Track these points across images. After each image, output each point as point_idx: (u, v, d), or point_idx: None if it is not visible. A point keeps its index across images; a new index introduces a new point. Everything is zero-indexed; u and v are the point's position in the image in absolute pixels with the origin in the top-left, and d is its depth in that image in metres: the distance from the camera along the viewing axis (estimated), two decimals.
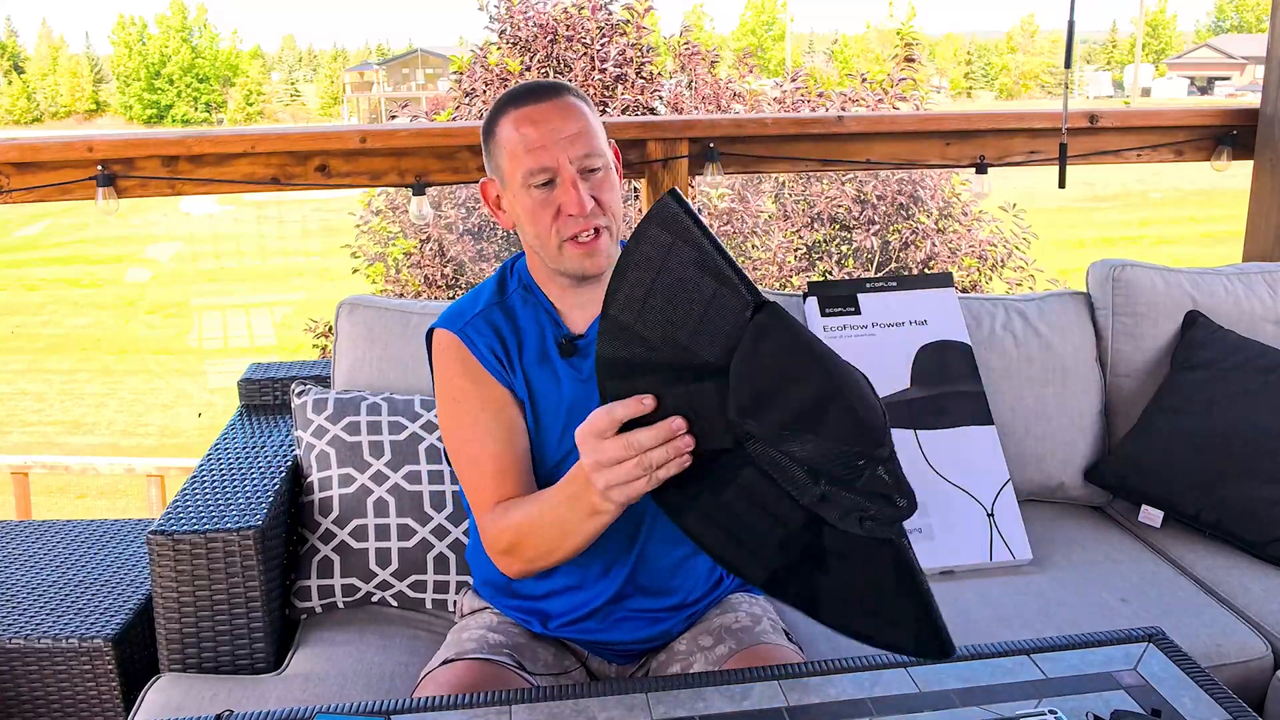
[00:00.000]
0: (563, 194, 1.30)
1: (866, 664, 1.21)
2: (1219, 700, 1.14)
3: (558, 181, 1.30)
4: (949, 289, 2.13)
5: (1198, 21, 77.73)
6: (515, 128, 1.31)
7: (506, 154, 1.32)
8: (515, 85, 1.37)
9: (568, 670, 1.44)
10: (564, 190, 1.30)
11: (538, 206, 1.31)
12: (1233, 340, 2.11)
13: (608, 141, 1.37)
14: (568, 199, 1.30)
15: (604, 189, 1.32)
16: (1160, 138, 2.73)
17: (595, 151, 1.31)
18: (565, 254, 1.33)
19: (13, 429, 10.81)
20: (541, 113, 1.31)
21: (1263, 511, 1.91)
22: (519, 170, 1.31)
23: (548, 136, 1.29)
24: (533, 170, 1.30)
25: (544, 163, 1.29)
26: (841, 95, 7.04)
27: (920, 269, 6.65)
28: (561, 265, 1.35)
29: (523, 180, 1.31)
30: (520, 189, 1.32)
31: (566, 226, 1.31)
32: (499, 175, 1.36)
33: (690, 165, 2.47)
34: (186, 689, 1.56)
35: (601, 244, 1.33)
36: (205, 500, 1.72)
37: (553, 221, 1.32)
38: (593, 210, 1.31)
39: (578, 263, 1.34)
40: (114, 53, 53.80)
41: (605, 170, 1.33)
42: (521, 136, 1.30)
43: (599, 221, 1.32)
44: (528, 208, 1.32)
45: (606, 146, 1.35)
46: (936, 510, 1.93)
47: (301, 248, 18.37)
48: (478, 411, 1.35)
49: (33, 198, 2.28)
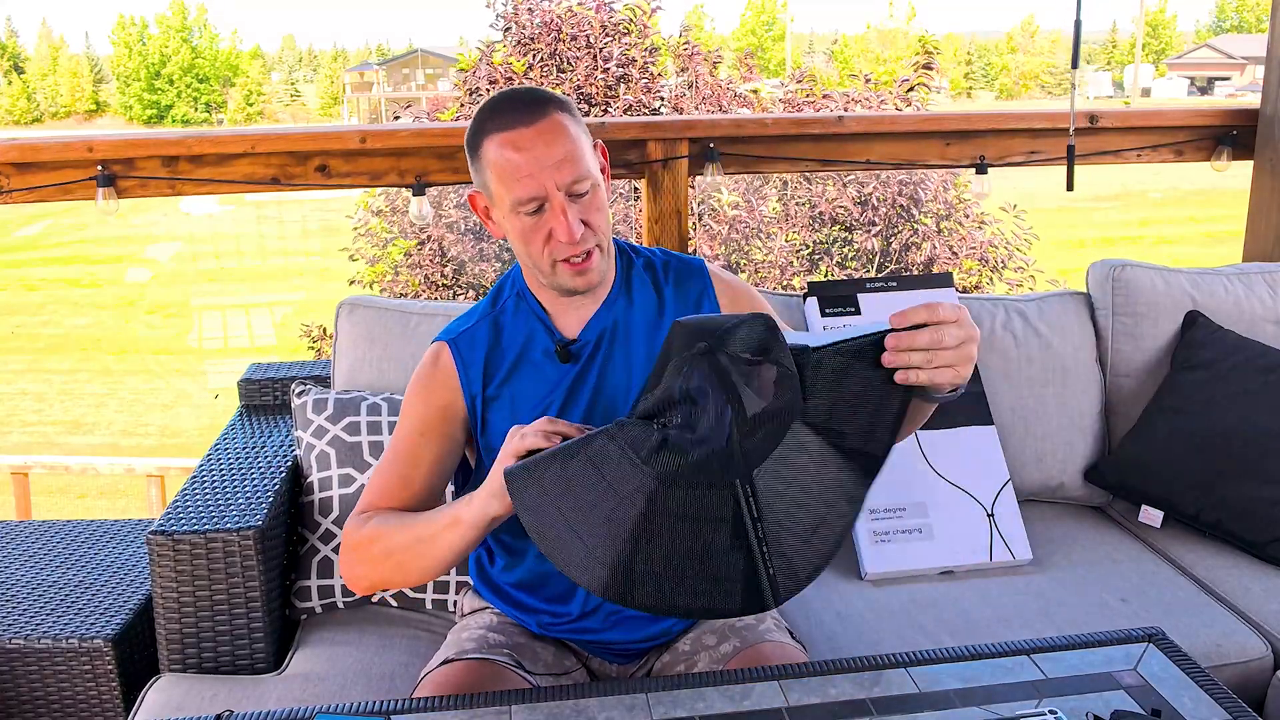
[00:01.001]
0: (553, 220, 1.29)
1: (866, 664, 1.21)
2: (1219, 700, 1.14)
3: (547, 208, 1.30)
4: (949, 289, 2.13)
5: (1198, 21, 77.74)
6: (501, 151, 1.29)
7: (494, 176, 1.31)
8: (496, 94, 1.36)
9: (568, 670, 1.44)
10: (554, 217, 1.29)
11: (529, 231, 1.31)
12: (1233, 340, 2.11)
13: (594, 148, 1.36)
14: (558, 226, 1.29)
15: (592, 210, 1.32)
16: (1160, 138, 2.73)
17: (582, 175, 1.29)
18: (558, 273, 1.34)
19: (13, 429, 10.81)
20: (527, 139, 1.28)
21: (1263, 511, 1.91)
22: (508, 196, 1.30)
23: (534, 164, 1.27)
24: (521, 199, 1.29)
25: (533, 192, 1.28)
26: (845, 96, 7.03)
27: (921, 270, 6.65)
28: (555, 283, 1.36)
29: (510, 205, 1.30)
30: (510, 213, 1.31)
31: (559, 250, 1.31)
32: (487, 192, 1.35)
33: (690, 165, 2.47)
34: (186, 689, 1.56)
35: (593, 263, 1.34)
36: (205, 500, 1.72)
37: (544, 245, 1.32)
38: (583, 235, 1.31)
39: (570, 281, 1.34)
40: (114, 53, 53.81)
41: (593, 190, 1.32)
42: (508, 161, 1.28)
43: (588, 244, 1.32)
44: (518, 231, 1.32)
45: (593, 161, 1.34)
46: (936, 510, 1.93)
47: (301, 248, 18.37)
48: (417, 432, 1.38)
49: (33, 198, 2.28)
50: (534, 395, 1.38)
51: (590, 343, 1.39)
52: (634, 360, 1.40)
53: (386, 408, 1.84)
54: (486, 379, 1.39)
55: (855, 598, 1.83)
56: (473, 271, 6.55)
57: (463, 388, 1.39)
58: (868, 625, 1.74)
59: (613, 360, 1.39)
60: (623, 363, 1.40)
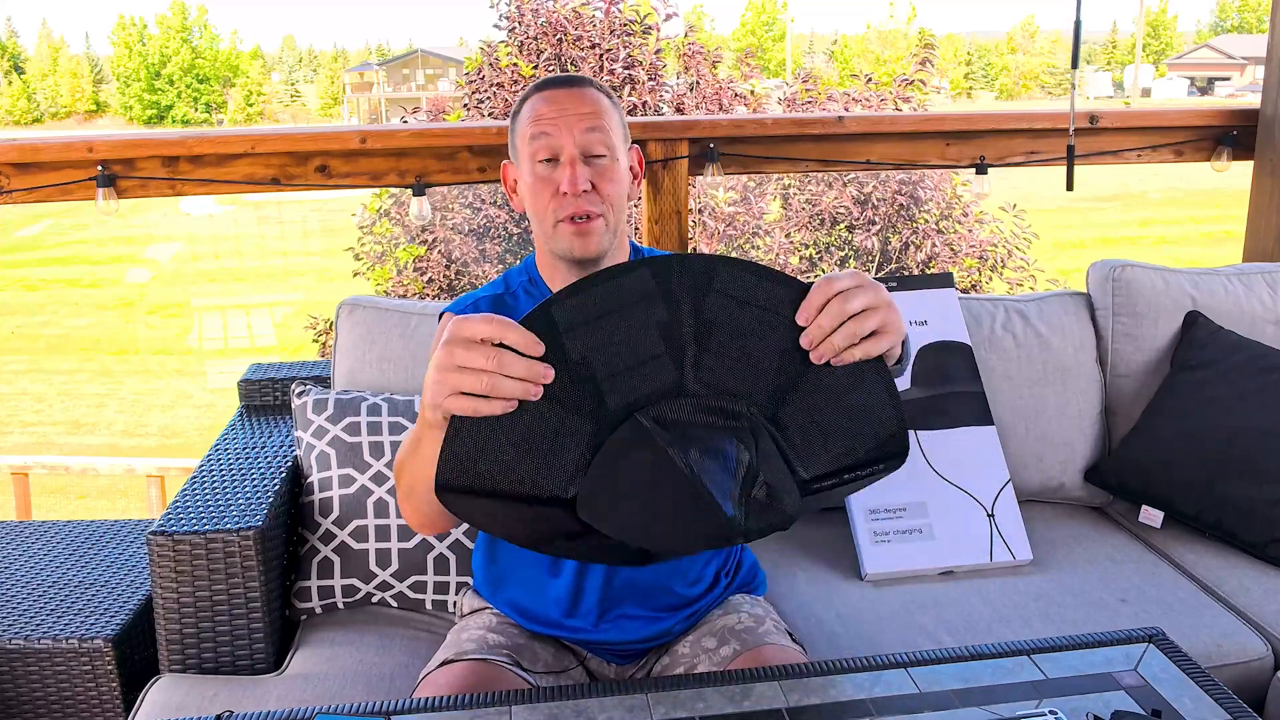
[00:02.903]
0: (561, 172, 1.34)
1: (867, 664, 1.21)
2: (1219, 701, 1.14)
3: (560, 161, 1.34)
4: (949, 289, 2.13)
5: (1198, 22, 77.77)
6: (533, 107, 1.37)
7: (520, 133, 1.37)
8: (550, 75, 1.41)
9: (567, 670, 1.44)
10: (563, 169, 1.34)
11: (539, 183, 1.36)
12: (1233, 340, 2.11)
13: (627, 142, 1.42)
14: (565, 176, 1.33)
15: (605, 178, 1.35)
16: (1160, 138, 2.73)
17: (602, 139, 1.34)
18: (558, 233, 1.36)
19: (13, 429, 10.81)
20: (559, 96, 1.36)
21: (1263, 511, 1.91)
22: (527, 147, 1.35)
23: (558, 114, 1.34)
24: (538, 146, 1.34)
25: (549, 139, 1.34)
26: (846, 95, 7.04)
27: (921, 269, 6.66)
28: (555, 245, 1.37)
29: (529, 156, 1.36)
30: (527, 165, 1.36)
31: (562, 206, 1.34)
32: (515, 156, 1.41)
33: (690, 165, 2.47)
34: (187, 689, 1.56)
35: (595, 227, 1.35)
36: (205, 500, 1.72)
37: (550, 199, 1.35)
38: (588, 194, 1.33)
39: (569, 242, 1.35)
40: (114, 53, 53.80)
41: (611, 161, 1.36)
42: (536, 114, 1.35)
43: (592, 207, 1.34)
44: (530, 184, 1.37)
45: (620, 141, 1.39)
46: (936, 510, 1.93)
47: (302, 248, 18.37)
48: None
49: (33, 198, 2.28)
50: None
51: None
52: None
53: (386, 408, 1.84)
54: None
55: (855, 598, 1.83)
56: (474, 273, 6.56)
57: None
58: (868, 626, 1.74)
59: None
60: None
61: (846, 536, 1.94)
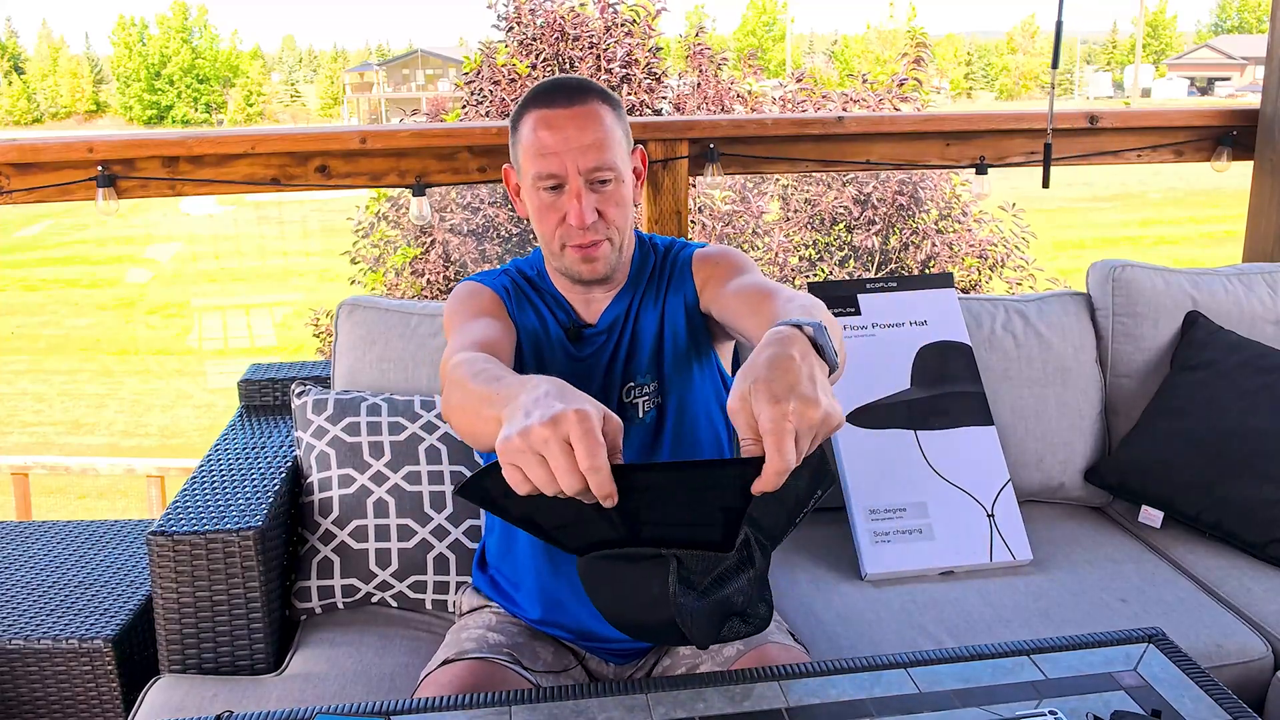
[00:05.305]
0: (567, 202, 1.34)
1: (867, 664, 1.21)
2: (1219, 701, 1.14)
3: (566, 190, 1.33)
4: (949, 289, 2.13)
5: (1198, 22, 77.78)
6: (534, 129, 1.33)
7: (523, 152, 1.36)
8: (548, 79, 1.39)
9: (567, 669, 1.44)
10: (569, 199, 1.33)
11: (544, 208, 1.36)
12: (1233, 340, 2.11)
13: (629, 147, 1.39)
14: (571, 209, 1.33)
15: (610, 203, 1.34)
16: (1160, 138, 2.73)
17: (606, 165, 1.32)
18: (566, 256, 1.38)
19: (13, 429, 10.81)
20: (561, 119, 1.32)
21: (1263, 511, 1.91)
22: (531, 171, 1.34)
23: (561, 145, 1.31)
24: (542, 175, 1.33)
25: (553, 170, 1.32)
26: (843, 95, 7.04)
27: (920, 269, 6.66)
28: (562, 266, 1.40)
29: (533, 181, 1.35)
30: (531, 188, 1.36)
31: (569, 235, 1.35)
32: (517, 167, 1.40)
33: (690, 165, 2.48)
34: (186, 689, 1.56)
35: (601, 252, 1.36)
36: (205, 501, 1.72)
37: (556, 225, 1.36)
38: (594, 224, 1.34)
39: (576, 266, 1.38)
40: (114, 53, 53.81)
41: (615, 183, 1.34)
42: (538, 140, 1.32)
43: (598, 235, 1.35)
44: (536, 207, 1.37)
45: (623, 156, 1.36)
46: (936, 510, 1.93)
47: (301, 248, 18.38)
48: (476, 316, 1.37)
49: (33, 198, 2.28)
50: (543, 371, 1.41)
51: (602, 332, 1.43)
52: (639, 354, 1.43)
53: (386, 408, 1.84)
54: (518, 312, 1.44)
55: (855, 598, 1.83)
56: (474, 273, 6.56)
57: (507, 307, 1.43)
58: (868, 626, 1.74)
59: (619, 353, 1.43)
60: (626, 357, 1.43)
61: (846, 536, 1.94)
